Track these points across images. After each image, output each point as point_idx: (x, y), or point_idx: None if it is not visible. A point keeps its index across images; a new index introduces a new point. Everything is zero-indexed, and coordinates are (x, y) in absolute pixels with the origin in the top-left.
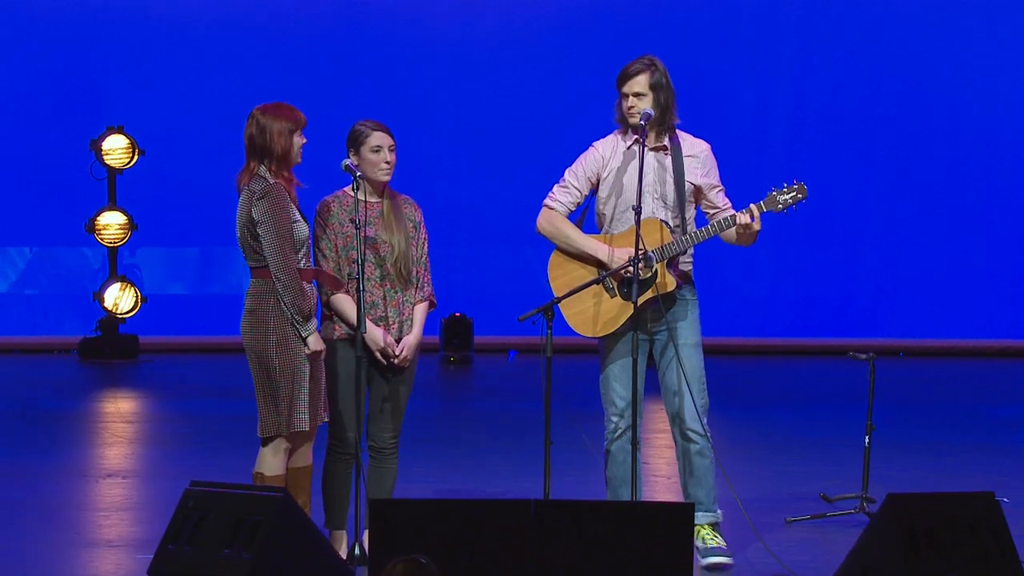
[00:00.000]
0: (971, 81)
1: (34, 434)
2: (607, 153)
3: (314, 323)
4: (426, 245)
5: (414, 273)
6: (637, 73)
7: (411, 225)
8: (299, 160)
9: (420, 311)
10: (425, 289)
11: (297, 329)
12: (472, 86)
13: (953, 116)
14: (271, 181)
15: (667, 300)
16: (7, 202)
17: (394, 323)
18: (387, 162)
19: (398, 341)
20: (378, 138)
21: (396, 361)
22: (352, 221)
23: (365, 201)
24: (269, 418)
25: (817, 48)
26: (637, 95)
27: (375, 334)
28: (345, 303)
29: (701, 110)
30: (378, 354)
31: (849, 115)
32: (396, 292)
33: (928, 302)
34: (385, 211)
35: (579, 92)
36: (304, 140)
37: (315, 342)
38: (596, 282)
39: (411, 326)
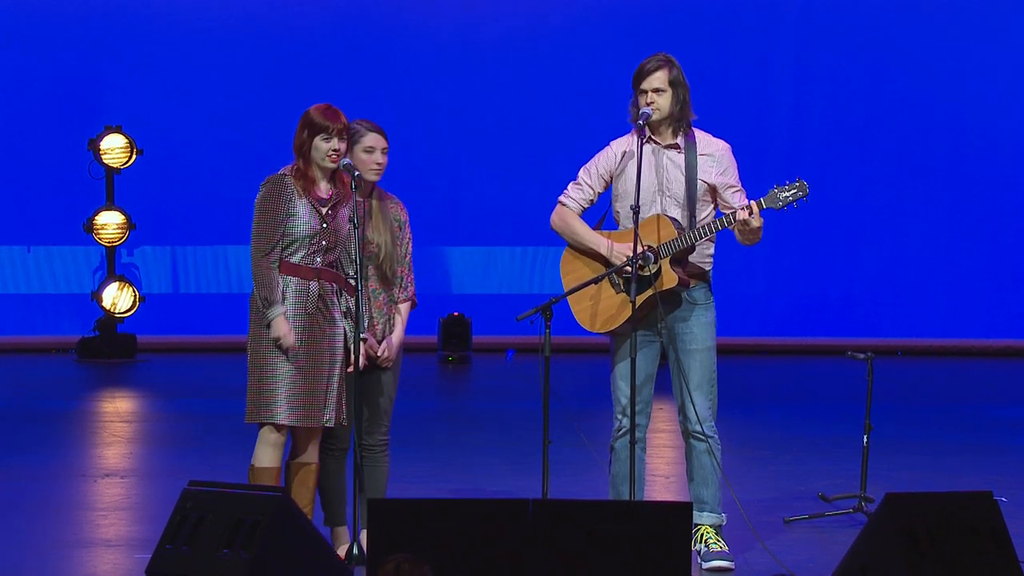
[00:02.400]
0: (972, 81)
1: (32, 434)
2: (620, 151)
3: (278, 309)
4: (410, 245)
5: (398, 273)
6: (656, 69)
7: (396, 225)
8: (324, 163)
9: (404, 311)
10: (408, 289)
11: (270, 315)
12: (472, 86)
13: (954, 116)
14: (280, 173)
15: (670, 298)
16: (5, 201)
17: (378, 323)
18: (378, 163)
19: (381, 341)
20: (372, 139)
21: (379, 362)
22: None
23: (363, 201)
24: (246, 403)
25: (819, 48)
26: (656, 91)
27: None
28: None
29: (702, 109)
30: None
31: (850, 114)
32: (380, 292)
33: (927, 302)
34: (372, 211)
35: (582, 92)
36: (332, 145)
37: (276, 327)
38: (595, 281)
39: (394, 326)
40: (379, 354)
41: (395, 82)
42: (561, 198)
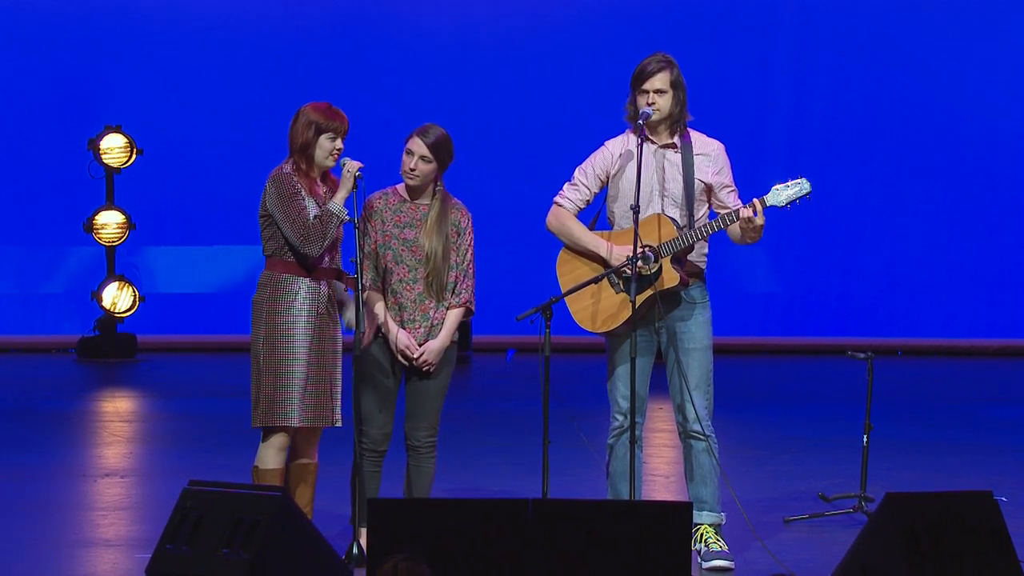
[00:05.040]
0: (971, 81)
1: (32, 434)
2: (617, 152)
3: (335, 203)
4: (470, 252)
5: (451, 279)
6: (659, 70)
7: (454, 230)
8: (326, 163)
9: (452, 316)
10: (462, 295)
11: (342, 212)
12: (472, 86)
13: (953, 116)
14: (284, 171)
15: (669, 297)
16: (5, 201)
17: (420, 327)
18: (411, 168)
19: (422, 345)
20: (413, 143)
21: (416, 364)
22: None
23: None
24: (254, 408)
25: (818, 47)
26: (658, 92)
27: (394, 335)
28: (377, 301)
29: (702, 109)
30: (399, 356)
31: (850, 114)
32: (426, 297)
33: (927, 301)
34: (430, 218)
35: (582, 92)
36: (336, 146)
37: (342, 188)
38: (597, 280)
39: (439, 331)
40: (415, 356)
41: (394, 82)
42: (556, 199)
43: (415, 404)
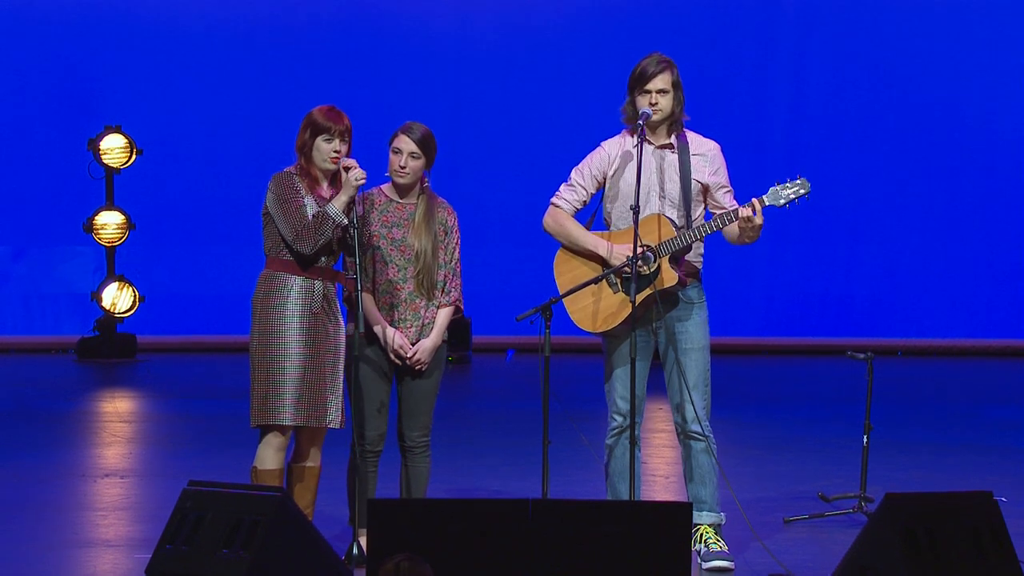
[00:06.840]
0: (970, 81)
1: (32, 434)
2: (613, 152)
3: (332, 206)
4: (457, 250)
5: (440, 278)
6: (661, 71)
7: (442, 229)
8: (324, 164)
9: (443, 315)
10: (451, 294)
11: (339, 217)
12: (468, 85)
13: (952, 116)
14: (285, 171)
15: (667, 297)
16: (5, 201)
17: (412, 326)
18: (401, 166)
19: (414, 344)
20: (401, 140)
21: (409, 363)
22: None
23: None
24: (251, 407)
25: (816, 47)
26: (661, 92)
27: (388, 335)
28: (365, 301)
29: (701, 109)
30: (392, 355)
31: (848, 114)
32: (417, 296)
33: (927, 301)
34: (418, 216)
35: (582, 93)
36: (333, 146)
37: (344, 189)
38: (597, 280)
39: (431, 330)
40: (408, 356)
41: (393, 83)
42: (553, 199)
43: (408, 404)
